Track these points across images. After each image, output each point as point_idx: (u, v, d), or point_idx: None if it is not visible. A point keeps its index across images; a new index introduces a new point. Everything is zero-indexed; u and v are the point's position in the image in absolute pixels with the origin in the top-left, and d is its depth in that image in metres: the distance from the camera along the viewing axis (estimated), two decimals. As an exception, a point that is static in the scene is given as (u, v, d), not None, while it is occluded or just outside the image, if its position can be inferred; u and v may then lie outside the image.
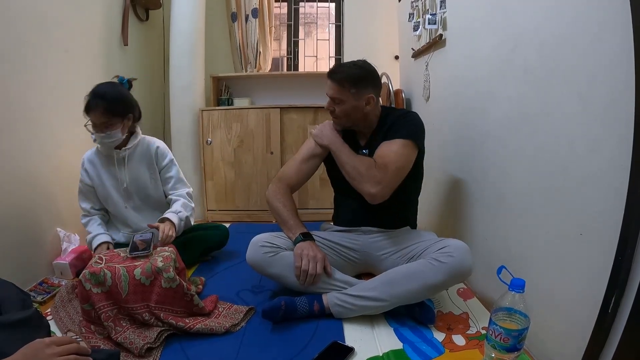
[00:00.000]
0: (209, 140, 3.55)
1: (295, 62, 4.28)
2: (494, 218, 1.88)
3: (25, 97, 2.23)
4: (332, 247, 2.05)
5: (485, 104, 1.93)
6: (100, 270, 1.75)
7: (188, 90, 3.50)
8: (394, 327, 1.75)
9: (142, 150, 2.30)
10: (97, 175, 2.25)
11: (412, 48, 3.01)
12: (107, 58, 3.09)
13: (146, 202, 2.35)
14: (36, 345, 0.96)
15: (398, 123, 1.96)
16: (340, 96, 1.94)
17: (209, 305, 1.89)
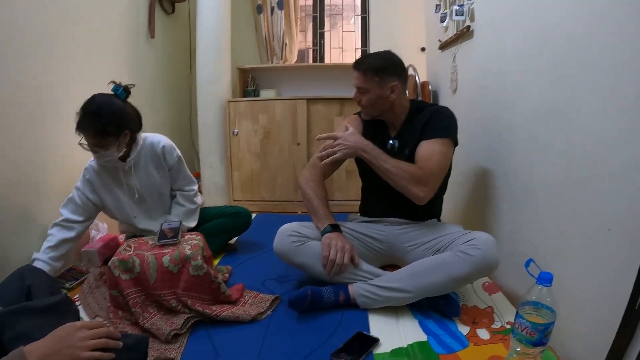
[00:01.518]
0: (235, 131, 3.57)
1: (321, 54, 4.28)
2: (521, 212, 1.84)
3: (56, 91, 2.27)
4: (358, 237, 2.05)
5: (513, 97, 1.89)
6: (129, 257, 1.78)
7: (214, 82, 3.52)
8: (419, 319, 1.74)
9: (148, 152, 2.23)
10: (104, 186, 2.19)
11: (439, 40, 2.97)
12: (135, 51, 3.14)
13: (159, 202, 2.33)
14: (67, 329, 0.97)
15: (435, 119, 1.94)
16: (365, 85, 1.94)
17: (235, 294, 1.91)
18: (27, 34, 2.06)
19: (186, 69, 4.05)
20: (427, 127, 1.93)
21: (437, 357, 1.48)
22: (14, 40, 1.98)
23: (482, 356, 1.47)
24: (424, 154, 1.88)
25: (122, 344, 1.02)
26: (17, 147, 2.04)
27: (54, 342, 0.93)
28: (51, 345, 0.93)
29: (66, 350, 0.92)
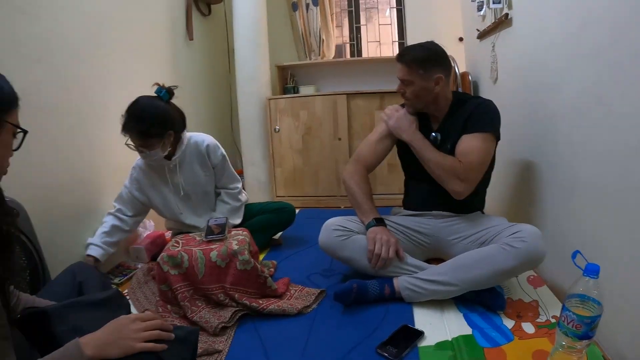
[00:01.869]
0: (277, 128, 3.61)
1: (358, 48, 4.26)
2: (567, 203, 1.79)
3: (100, 95, 2.36)
4: (402, 231, 2.04)
5: (555, 85, 1.84)
6: (178, 253, 1.83)
7: (254, 80, 3.57)
8: (464, 313, 1.72)
9: (192, 151, 2.29)
10: (151, 185, 2.28)
11: (477, 29, 2.91)
12: (174, 53, 3.23)
13: (204, 200, 2.40)
14: (122, 321, 1.00)
15: (477, 113, 1.91)
16: (409, 77, 1.93)
17: (281, 288, 1.94)
18: (71, 41, 2.15)
19: (225, 68, 4.12)
20: (469, 121, 1.91)
21: (481, 351, 1.47)
22: (59, 48, 2.07)
23: (527, 350, 1.45)
24: (464, 148, 1.87)
25: (174, 335, 1.04)
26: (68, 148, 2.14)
27: (109, 333, 0.97)
28: (106, 336, 0.96)
29: (121, 342, 0.95)
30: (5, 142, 0.94)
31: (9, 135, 0.95)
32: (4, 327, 0.89)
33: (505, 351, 1.46)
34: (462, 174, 1.82)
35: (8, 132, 0.94)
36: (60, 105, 2.07)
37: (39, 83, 1.94)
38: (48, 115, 1.99)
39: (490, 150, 1.90)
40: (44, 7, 1.98)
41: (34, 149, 1.87)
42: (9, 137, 0.95)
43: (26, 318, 1.06)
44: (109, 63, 2.45)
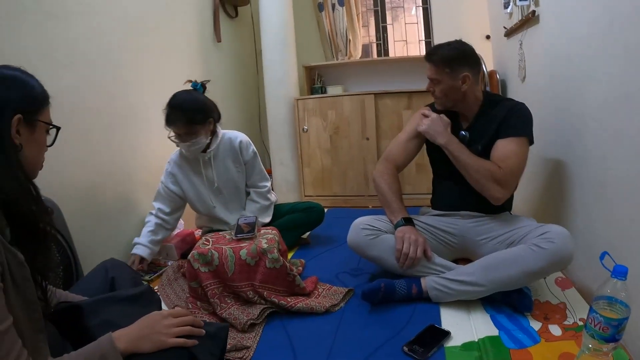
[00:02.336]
0: (305, 128, 3.64)
1: (385, 48, 4.26)
2: (595, 204, 1.76)
3: (130, 97, 2.45)
4: (430, 231, 2.04)
5: (584, 84, 1.80)
6: (208, 251, 1.88)
7: (282, 80, 3.61)
8: (490, 314, 1.72)
9: (226, 146, 2.37)
10: (186, 178, 2.36)
11: (504, 27, 2.88)
12: (203, 55, 3.30)
13: (235, 195, 2.45)
14: (154, 317, 1.03)
15: (512, 117, 1.90)
16: (437, 76, 1.93)
17: (309, 286, 1.96)
18: (102, 45, 2.24)
19: (253, 69, 4.17)
20: (504, 124, 1.90)
21: (508, 352, 1.47)
22: (91, 52, 2.16)
23: (554, 353, 1.44)
24: (502, 153, 1.85)
25: (204, 331, 1.07)
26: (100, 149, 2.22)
27: (141, 328, 1.00)
28: (139, 331, 0.99)
29: (153, 336, 0.98)
30: (39, 139, 0.99)
31: (42, 133, 1.00)
32: (38, 321, 0.93)
33: (532, 353, 1.45)
34: (501, 179, 1.81)
35: (41, 129, 0.99)
36: (92, 107, 2.16)
37: (71, 86, 2.02)
38: (80, 117, 2.07)
39: (527, 154, 1.88)
40: (76, 13, 2.07)
41: (67, 150, 1.95)
42: (42, 134, 1.00)
43: (60, 312, 1.10)
44: (139, 66, 2.53)
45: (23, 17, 1.80)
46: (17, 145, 0.92)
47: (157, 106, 2.34)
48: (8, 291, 0.84)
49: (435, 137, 1.98)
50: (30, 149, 0.96)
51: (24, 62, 1.01)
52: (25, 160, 0.94)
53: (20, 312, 0.87)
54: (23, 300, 0.89)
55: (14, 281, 0.87)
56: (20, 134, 0.93)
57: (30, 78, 0.99)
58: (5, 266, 0.84)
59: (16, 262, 0.88)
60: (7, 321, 0.81)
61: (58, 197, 1.81)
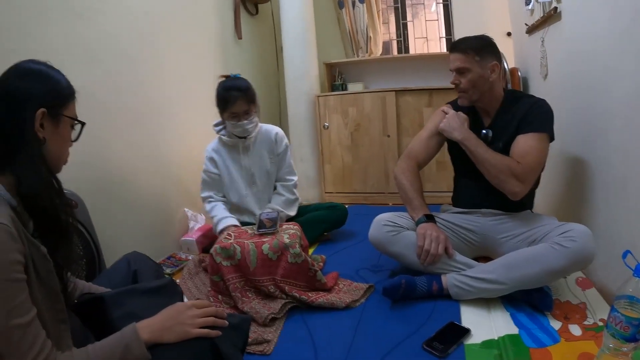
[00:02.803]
0: (326, 125, 3.66)
1: (405, 45, 4.24)
2: (617, 203, 1.74)
3: (152, 93, 2.49)
4: (451, 228, 2.04)
5: (607, 81, 1.78)
6: (230, 245, 1.90)
7: (302, 77, 3.63)
8: (510, 312, 1.71)
9: (263, 137, 2.47)
10: (223, 164, 2.43)
11: (526, 23, 2.85)
12: (224, 52, 3.34)
13: (267, 187, 2.52)
14: (178, 307, 1.05)
15: (532, 113, 1.88)
16: (465, 65, 1.91)
17: (330, 281, 1.98)
18: (125, 43, 2.29)
19: (273, 66, 4.19)
20: (524, 121, 1.88)
21: (527, 351, 1.47)
22: (114, 49, 2.21)
23: (573, 353, 1.44)
24: (522, 149, 1.84)
25: (227, 322, 1.09)
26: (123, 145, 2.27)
27: (165, 319, 1.02)
28: (163, 322, 1.01)
29: (177, 327, 1.00)
30: (64, 134, 1.00)
31: (67, 128, 1.01)
32: (62, 312, 0.96)
33: (551, 352, 1.45)
34: (521, 175, 1.80)
35: (66, 124, 1.00)
36: (115, 103, 2.20)
37: (96, 82, 2.06)
38: (105, 113, 2.12)
39: (546, 151, 1.87)
40: (100, 11, 2.11)
41: (92, 144, 1.98)
42: (67, 129, 1.02)
43: (83, 303, 1.12)
44: (161, 63, 2.57)
45: (49, 15, 1.84)
46: (40, 139, 0.94)
47: (179, 102, 2.37)
48: (32, 283, 0.86)
49: (452, 132, 1.98)
50: (54, 143, 0.97)
51: (49, 58, 1.03)
52: (48, 154, 0.96)
53: (44, 303, 0.90)
54: (46, 292, 0.92)
55: (38, 273, 0.89)
56: (44, 127, 0.94)
57: (56, 72, 1.01)
58: (29, 259, 0.86)
59: (40, 255, 0.91)
60: (31, 313, 0.84)
61: (82, 191, 1.85)
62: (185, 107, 2.79)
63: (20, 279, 0.83)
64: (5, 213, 0.85)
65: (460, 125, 1.97)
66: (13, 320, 0.81)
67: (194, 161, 2.78)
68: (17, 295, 0.82)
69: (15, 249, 0.83)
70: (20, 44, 1.69)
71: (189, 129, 2.82)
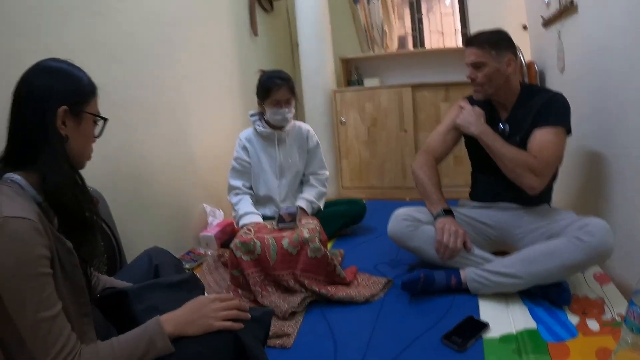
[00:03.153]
0: (343, 120, 3.68)
1: (421, 39, 4.21)
2: (637, 197, 1.73)
3: (171, 89, 2.53)
4: (470, 223, 2.05)
5: (625, 74, 1.76)
6: (250, 240, 1.93)
7: (319, 72, 3.65)
8: (529, 307, 1.72)
9: (296, 133, 2.56)
10: (255, 153, 2.49)
11: (542, 16, 2.83)
12: (240, 49, 3.37)
13: (295, 181, 2.57)
14: (202, 300, 1.07)
15: (549, 107, 1.88)
16: (482, 59, 1.91)
17: (349, 276, 2.00)
18: (144, 41, 2.33)
19: (290, 62, 4.21)
20: (541, 114, 1.88)
21: (545, 345, 1.48)
22: (134, 47, 2.25)
23: (591, 347, 1.44)
24: (539, 143, 1.84)
25: (250, 315, 1.10)
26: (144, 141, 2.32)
27: (189, 312, 1.03)
28: (186, 315, 1.02)
29: (200, 320, 1.01)
30: (86, 130, 1.02)
31: (89, 124, 1.03)
32: (86, 306, 0.99)
33: (569, 347, 1.46)
34: (537, 169, 1.80)
35: (88, 121, 1.02)
36: (136, 100, 2.25)
37: (116, 80, 2.10)
38: (125, 110, 2.16)
39: (564, 145, 1.87)
40: (119, 10, 2.16)
41: (113, 141, 2.03)
42: (89, 125, 1.03)
43: (106, 297, 1.15)
44: (179, 60, 2.61)
45: (71, 15, 1.88)
46: (63, 136, 0.95)
47: (197, 99, 2.39)
48: (57, 278, 0.89)
49: (469, 127, 1.99)
50: (76, 140, 0.99)
51: (71, 57, 1.04)
52: (71, 151, 0.98)
53: (68, 298, 0.92)
54: (71, 286, 0.94)
55: (63, 268, 0.92)
56: (66, 125, 0.96)
57: (77, 70, 1.02)
58: (54, 254, 0.89)
59: (65, 250, 0.93)
60: (57, 306, 0.87)
61: (102, 187, 1.89)
62: (203, 103, 2.83)
63: (47, 273, 0.86)
64: (32, 209, 0.88)
65: (477, 119, 1.98)
66: (41, 314, 0.84)
67: (212, 157, 2.83)
68: (44, 289, 0.85)
69: (42, 244, 0.85)
70: (40, 44, 1.72)
71: (207, 125, 2.87)
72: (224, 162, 2.64)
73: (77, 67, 1.03)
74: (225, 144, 2.70)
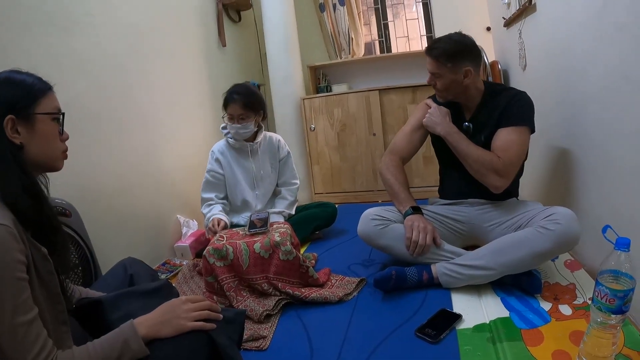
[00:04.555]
0: (312, 127, 3.69)
1: (387, 44, 4.29)
2: (601, 184, 1.77)
3: (140, 101, 2.51)
4: (439, 219, 2.08)
5: (583, 67, 1.82)
6: (223, 246, 1.93)
7: (287, 81, 3.66)
8: (501, 297, 1.75)
9: (267, 144, 2.58)
10: (228, 165, 2.50)
11: (503, 17, 2.90)
12: (209, 59, 3.37)
13: (269, 189, 2.59)
14: (174, 302, 1.07)
15: (512, 106, 1.91)
16: (438, 71, 1.94)
17: (322, 277, 2.01)
18: (111, 53, 2.31)
19: (258, 71, 4.22)
20: (504, 114, 1.92)
21: (519, 332, 1.50)
22: (100, 60, 2.22)
23: (564, 331, 1.47)
24: (502, 143, 1.87)
25: (222, 316, 1.10)
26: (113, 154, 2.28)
27: (161, 314, 1.04)
28: (159, 317, 1.03)
29: (173, 321, 1.02)
30: (44, 131, 0.98)
31: (46, 124, 0.98)
32: (62, 313, 0.98)
33: (543, 332, 1.48)
34: (501, 169, 1.83)
35: (44, 121, 0.98)
36: (105, 113, 2.22)
37: (82, 94, 2.08)
38: (92, 123, 2.13)
39: (527, 144, 1.91)
40: (86, 23, 2.14)
41: (82, 154, 2.01)
42: (47, 125, 0.99)
43: (82, 307, 1.13)
44: (147, 71, 2.60)
45: (35, 29, 1.86)
46: (17, 144, 0.93)
47: (168, 111, 2.38)
48: (33, 284, 0.88)
49: (435, 127, 2.02)
50: (35, 143, 0.96)
51: (38, 71, 1.01)
52: (34, 156, 0.96)
53: (45, 304, 0.91)
54: (47, 293, 0.93)
55: (38, 274, 0.91)
56: (19, 132, 0.93)
57: (21, 75, 0.98)
58: (30, 259, 0.88)
59: (40, 256, 0.92)
60: (33, 311, 0.86)
61: (75, 200, 1.86)
62: (173, 114, 2.82)
63: (23, 278, 0.85)
64: (7, 215, 0.87)
65: (442, 119, 2.01)
66: (18, 318, 0.83)
67: (185, 167, 2.81)
68: (21, 294, 0.84)
69: (18, 249, 0.85)
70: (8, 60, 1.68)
71: (178, 136, 2.85)
72: (197, 173, 2.64)
73: (21, 72, 0.99)
74: (197, 154, 2.69)
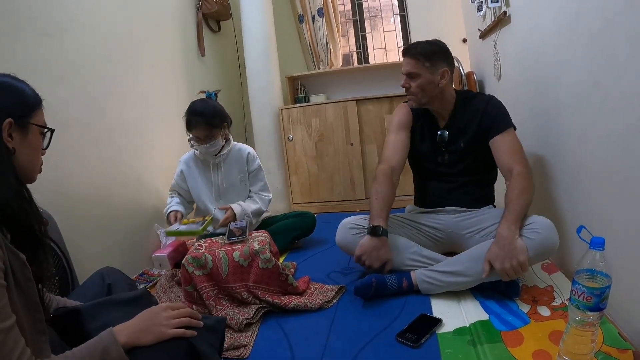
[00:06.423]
0: (290, 137, 3.70)
1: (365, 56, 4.33)
2: (575, 189, 1.81)
3: (120, 110, 2.49)
4: (416, 227, 2.09)
5: (556, 75, 1.87)
6: (202, 255, 1.91)
7: (266, 91, 3.66)
8: (480, 300, 1.77)
9: (234, 156, 2.54)
10: (192, 177, 2.50)
11: (479, 29, 2.97)
12: (188, 69, 3.36)
13: (233, 201, 2.52)
14: (154, 309, 1.06)
15: (493, 111, 1.96)
16: (415, 70, 1.96)
17: (302, 285, 2.00)
18: (92, 60, 2.28)
19: (237, 81, 4.23)
20: (487, 120, 1.95)
21: (498, 334, 1.51)
22: (82, 67, 2.20)
23: (544, 332, 1.49)
24: (509, 148, 1.90)
25: (202, 323, 1.10)
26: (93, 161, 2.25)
27: (141, 321, 1.02)
28: (139, 324, 1.01)
29: (153, 328, 1.01)
30: (33, 142, 1.00)
31: (36, 136, 1.00)
32: (40, 322, 0.95)
33: (522, 333, 1.50)
34: (527, 172, 1.83)
35: (35, 133, 1.00)
36: (83, 121, 2.18)
37: (63, 100, 2.05)
38: (73, 130, 2.10)
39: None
40: (67, 30, 2.12)
41: (61, 162, 1.98)
42: (37, 137, 1.01)
43: (60, 317, 1.12)
44: (127, 80, 2.57)
45: (18, 35, 1.83)
46: (10, 149, 0.93)
47: (147, 119, 2.35)
48: (11, 291, 0.86)
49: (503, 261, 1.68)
50: (24, 152, 0.97)
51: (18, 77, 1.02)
52: (20, 164, 0.96)
53: (23, 312, 0.89)
54: (25, 300, 0.91)
55: (17, 281, 0.88)
56: (12, 137, 0.94)
57: (20, 83, 1.00)
58: (8, 266, 0.85)
59: (18, 263, 0.90)
60: (11, 319, 0.83)
61: (53, 208, 1.82)
62: (152, 124, 2.79)
63: (1, 284, 0.82)
64: None
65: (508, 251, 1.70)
66: None
67: (162, 177, 2.79)
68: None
69: None
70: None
71: (157, 145, 2.82)
72: (174, 183, 2.61)
73: (19, 80, 1.01)
74: (176, 164, 2.65)
